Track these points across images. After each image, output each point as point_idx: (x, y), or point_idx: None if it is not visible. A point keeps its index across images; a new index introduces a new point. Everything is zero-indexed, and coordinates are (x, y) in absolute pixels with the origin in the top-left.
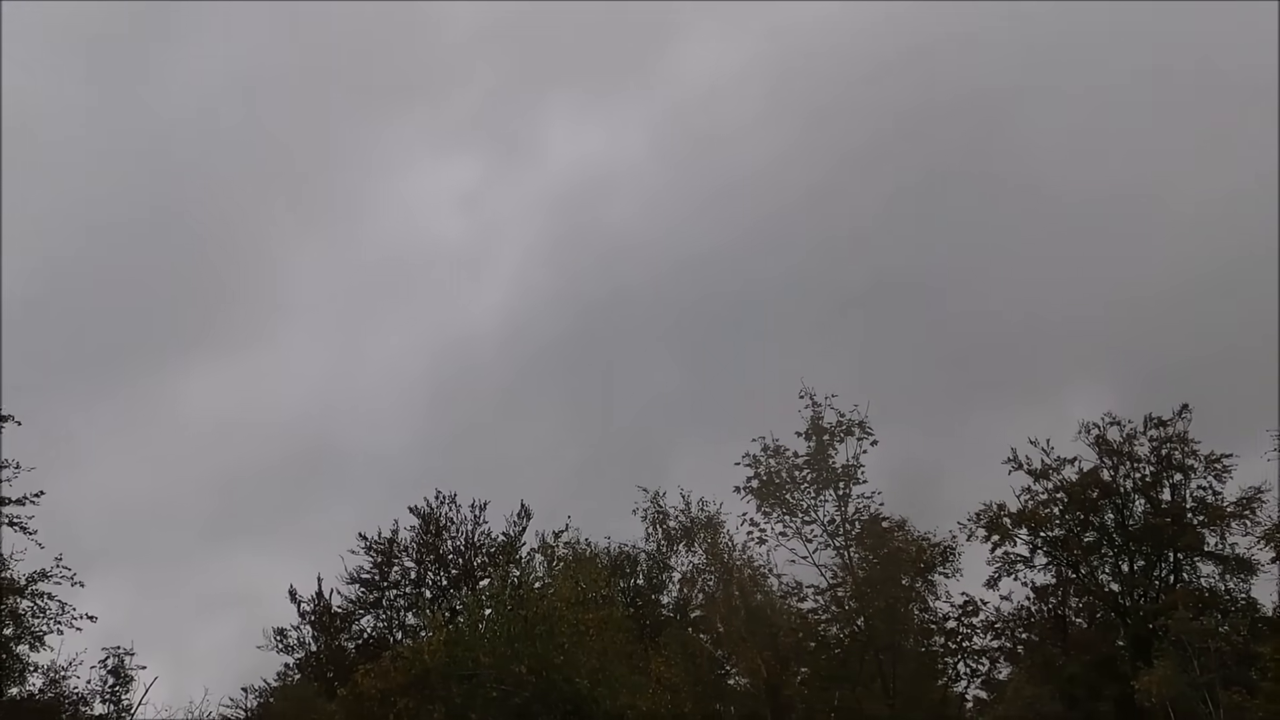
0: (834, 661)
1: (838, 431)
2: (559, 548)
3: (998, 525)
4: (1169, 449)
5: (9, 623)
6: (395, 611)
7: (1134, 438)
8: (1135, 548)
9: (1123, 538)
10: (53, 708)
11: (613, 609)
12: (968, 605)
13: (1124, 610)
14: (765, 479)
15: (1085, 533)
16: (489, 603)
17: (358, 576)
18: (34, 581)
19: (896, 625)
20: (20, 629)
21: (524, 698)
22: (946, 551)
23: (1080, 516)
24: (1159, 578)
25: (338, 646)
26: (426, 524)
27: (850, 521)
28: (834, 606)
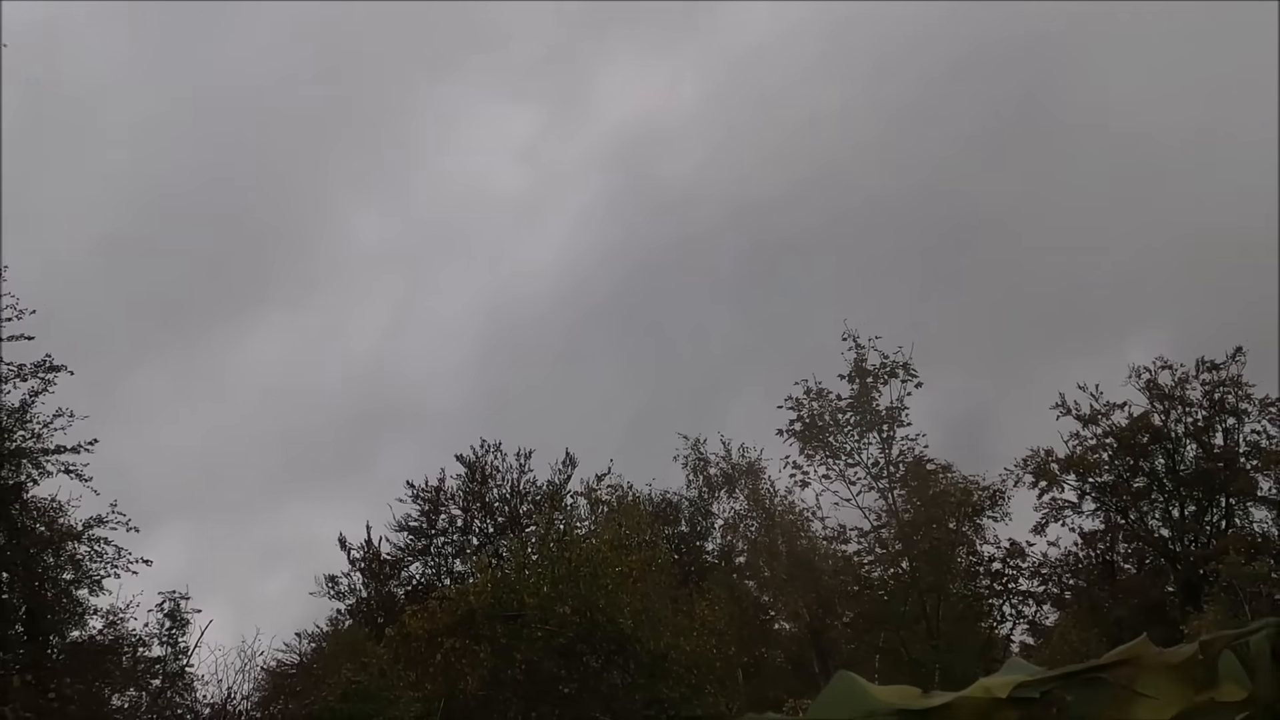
0: (878, 604)
1: (881, 374)
2: (601, 491)
3: (1045, 471)
4: (1222, 393)
5: (68, 567)
6: (443, 558)
7: (1186, 382)
8: (1186, 493)
9: (1173, 483)
10: (112, 649)
11: (656, 552)
12: (1013, 547)
13: (1174, 555)
14: (808, 422)
15: (1135, 478)
16: (534, 548)
17: (406, 524)
18: (90, 527)
19: (941, 567)
20: (79, 573)
21: (568, 638)
22: (995, 495)
23: (1130, 462)
24: (1210, 523)
25: (387, 592)
26: (472, 472)
27: (894, 464)
28: (878, 549)
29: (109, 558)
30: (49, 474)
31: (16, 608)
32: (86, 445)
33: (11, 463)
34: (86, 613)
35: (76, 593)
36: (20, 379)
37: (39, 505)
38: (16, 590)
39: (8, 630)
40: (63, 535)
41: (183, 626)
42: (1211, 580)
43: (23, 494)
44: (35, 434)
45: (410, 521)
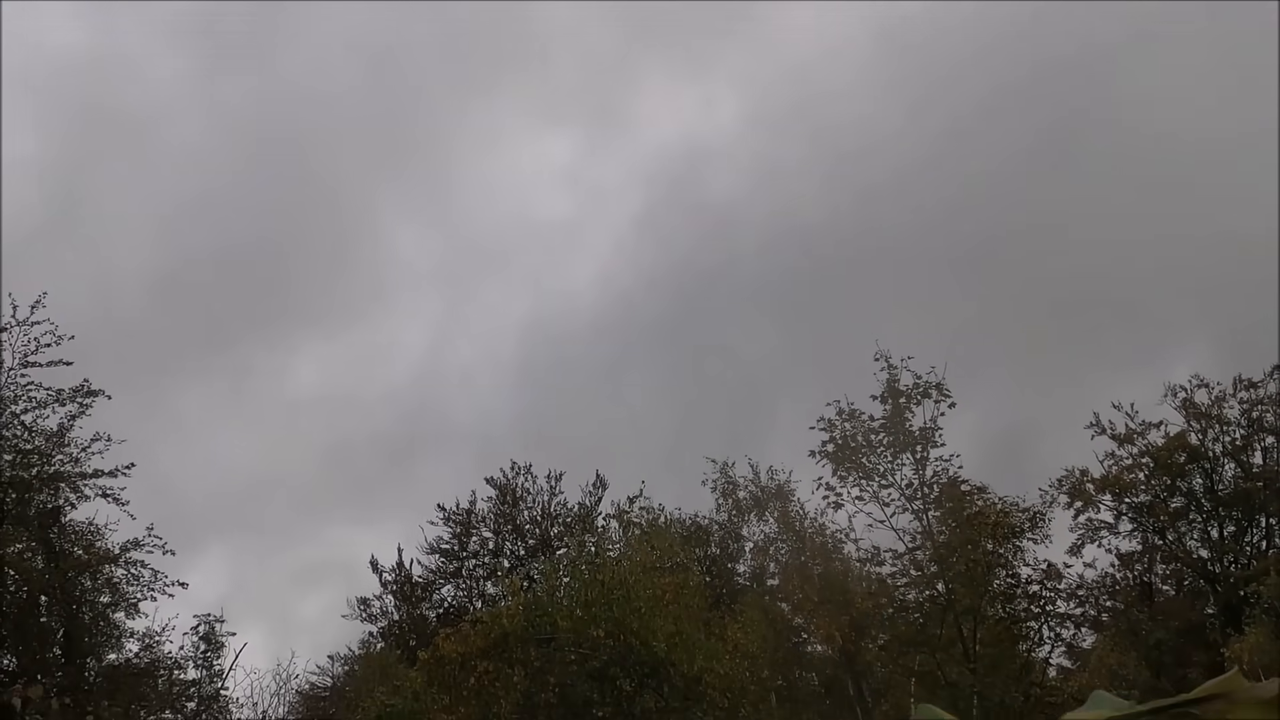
0: (913, 627)
1: (914, 394)
2: (633, 513)
3: (1080, 491)
4: (1260, 411)
5: (105, 591)
6: (474, 581)
7: (1223, 400)
8: (1225, 513)
9: (1212, 503)
10: (148, 672)
11: (688, 574)
12: (1050, 569)
13: (1213, 577)
14: (841, 443)
15: (1172, 498)
16: (566, 570)
17: (437, 547)
18: (127, 550)
19: (977, 589)
20: (116, 596)
21: (602, 661)
22: (1036, 517)
23: (1167, 482)
24: (1250, 544)
25: (419, 615)
26: (503, 495)
27: (928, 485)
28: (913, 571)
29: (145, 581)
30: (87, 498)
31: (54, 631)
32: (124, 469)
33: (50, 487)
34: (123, 636)
35: (113, 616)
36: (59, 403)
37: (77, 529)
38: (54, 614)
39: (46, 653)
40: (100, 559)
41: (218, 649)
42: (1253, 602)
43: (61, 518)
44: (74, 458)
45: (442, 544)
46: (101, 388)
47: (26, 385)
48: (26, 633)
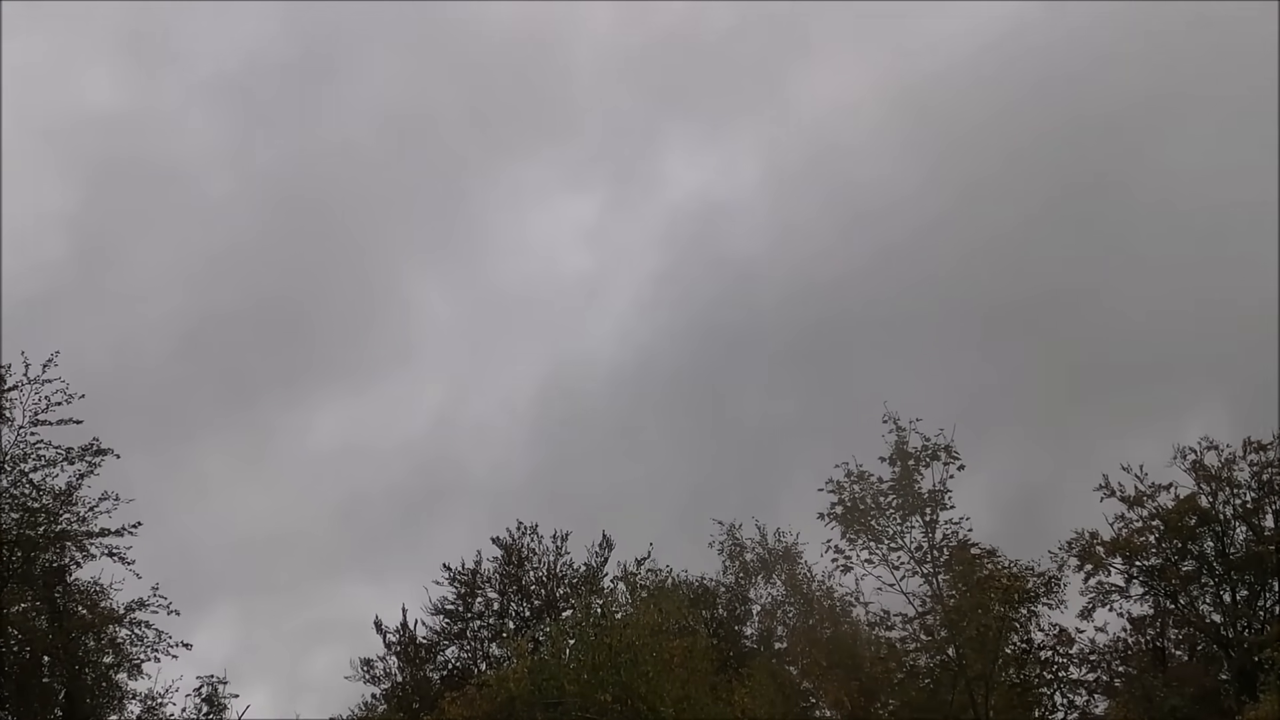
0: (923, 692)
1: (923, 456)
2: (641, 575)
3: (1090, 554)
4: (1270, 473)
5: (109, 651)
6: (479, 642)
7: (1233, 462)
8: (1237, 577)
9: (1224, 567)
10: None
11: (696, 638)
12: (1061, 634)
13: (1227, 642)
14: (849, 505)
15: (1183, 561)
16: (572, 632)
17: (442, 607)
18: (132, 610)
19: (989, 654)
20: (119, 657)
21: None
22: (1051, 582)
23: (1178, 545)
24: (1264, 608)
25: (423, 677)
26: (509, 555)
27: (938, 548)
28: (923, 635)
29: (149, 641)
30: (93, 557)
31: (56, 692)
32: (130, 528)
33: (56, 545)
34: (125, 697)
35: (116, 677)
36: (68, 462)
37: (82, 588)
38: (57, 674)
39: (48, 714)
40: (104, 618)
41: (220, 711)
42: (1267, 668)
43: (66, 577)
44: (81, 517)
45: (446, 604)
46: (111, 446)
47: (36, 443)
48: (28, 693)
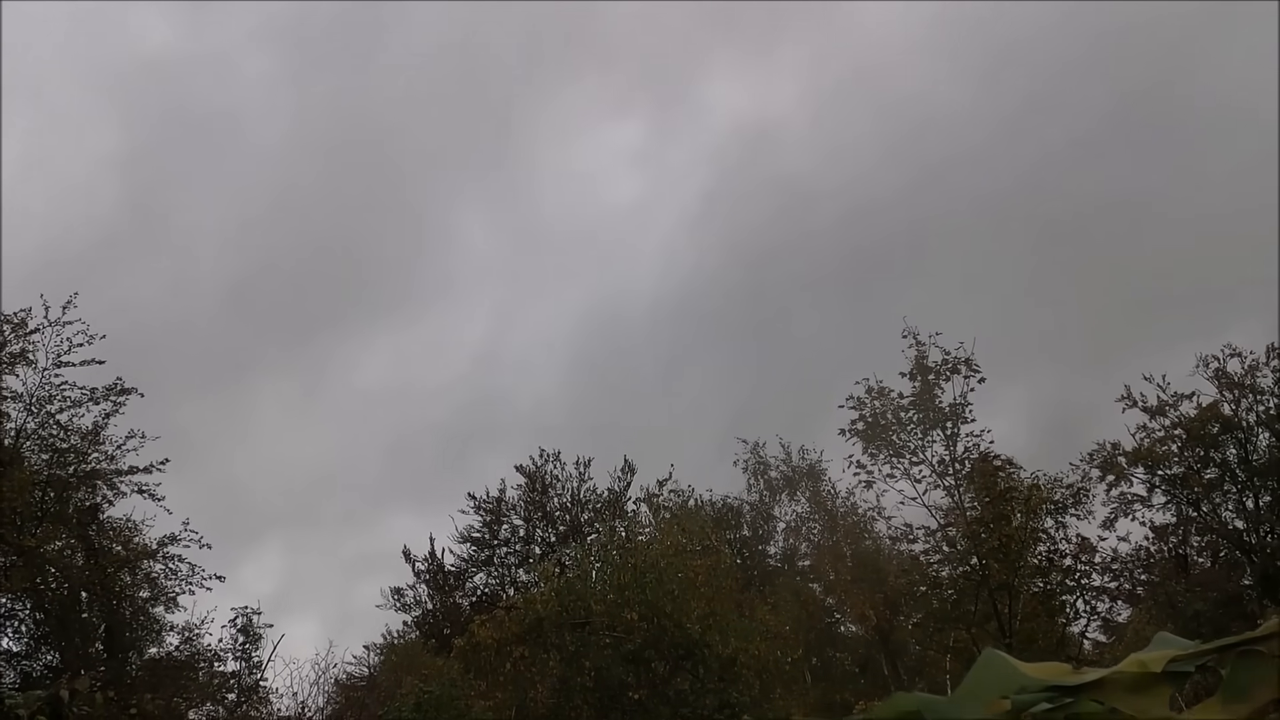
0: (946, 603)
1: (943, 370)
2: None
3: (1112, 465)
4: None
5: (144, 586)
6: (506, 568)
7: (1256, 369)
8: (1260, 483)
9: (1246, 473)
10: (189, 664)
11: (720, 556)
12: (1083, 544)
13: (1249, 548)
14: (871, 420)
15: (1206, 469)
16: (597, 556)
17: (468, 535)
18: (164, 545)
19: (1011, 564)
20: (155, 591)
21: (636, 644)
22: (1079, 493)
23: (1200, 453)
24: None
25: (452, 604)
26: (533, 482)
27: (960, 461)
28: (945, 547)
29: (183, 575)
30: (124, 494)
31: (96, 626)
32: (158, 465)
33: (87, 484)
34: (163, 630)
35: (153, 610)
36: (93, 402)
37: (115, 525)
38: (95, 609)
39: (89, 648)
40: (138, 554)
41: (256, 641)
42: None
43: (99, 515)
44: (109, 456)
45: (473, 532)
46: (135, 385)
47: (60, 384)
48: (69, 628)
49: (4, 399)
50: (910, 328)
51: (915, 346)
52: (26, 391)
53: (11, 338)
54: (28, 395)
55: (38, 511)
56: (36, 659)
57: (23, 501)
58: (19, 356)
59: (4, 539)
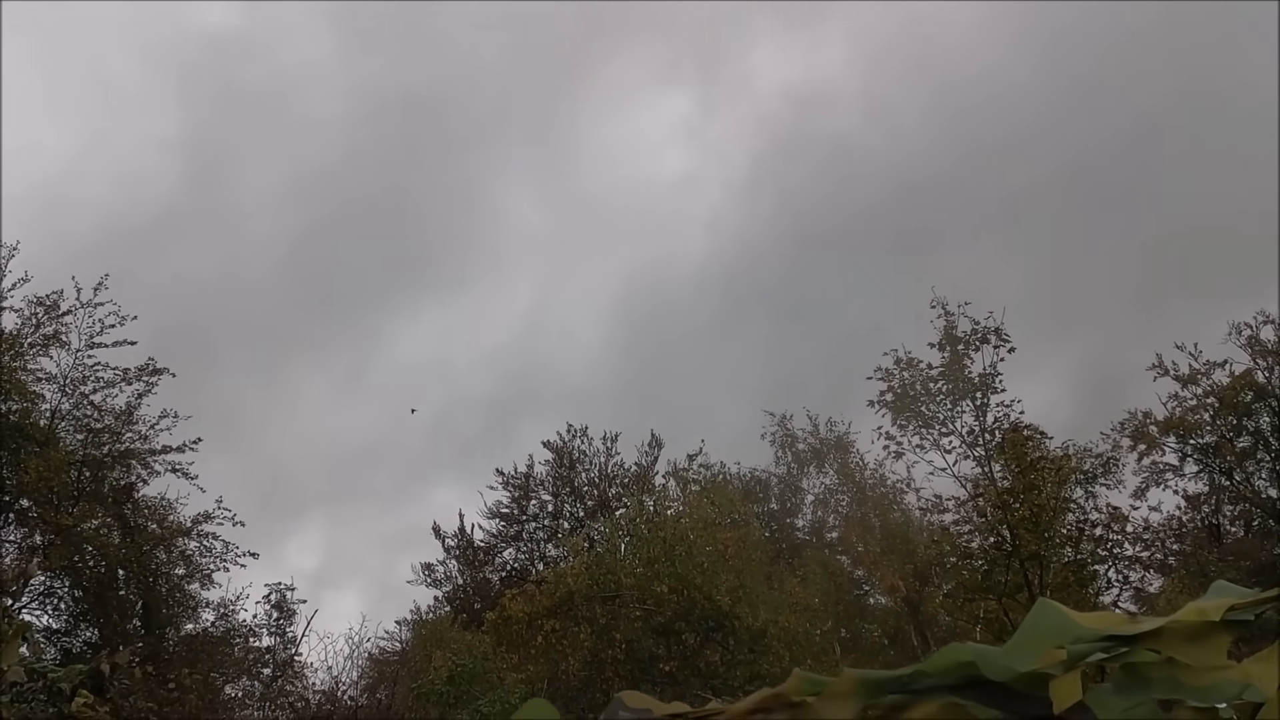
0: (977, 573)
1: (972, 340)
2: (692, 470)
3: (1143, 434)
4: None
5: (179, 563)
6: (535, 544)
7: None
8: None
9: (1279, 441)
10: (224, 640)
11: (749, 529)
12: (1115, 513)
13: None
14: (899, 391)
15: (1239, 438)
16: (626, 530)
17: (497, 511)
18: (198, 523)
19: (1041, 534)
20: (190, 568)
21: (666, 616)
22: (1109, 462)
23: (1233, 421)
24: None
25: (482, 579)
26: (560, 458)
27: (989, 431)
28: (976, 517)
29: (217, 552)
30: (157, 473)
31: (133, 603)
32: (191, 444)
33: (122, 464)
34: (199, 606)
35: (189, 587)
36: (126, 382)
37: (149, 504)
38: (132, 586)
39: (126, 625)
40: (173, 532)
41: (289, 617)
42: None
43: (134, 494)
44: (142, 435)
45: (502, 508)
46: (166, 365)
47: (94, 365)
48: (107, 605)
49: (39, 380)
50: (939, 298)
51: (944, 317)
52: (60, 373)
53: (45, 320)
54: (61, 376)
55: (74, 491)
56: (76, 635)
57: (59, 481)
58: (52, 338)
59: (42, 518)
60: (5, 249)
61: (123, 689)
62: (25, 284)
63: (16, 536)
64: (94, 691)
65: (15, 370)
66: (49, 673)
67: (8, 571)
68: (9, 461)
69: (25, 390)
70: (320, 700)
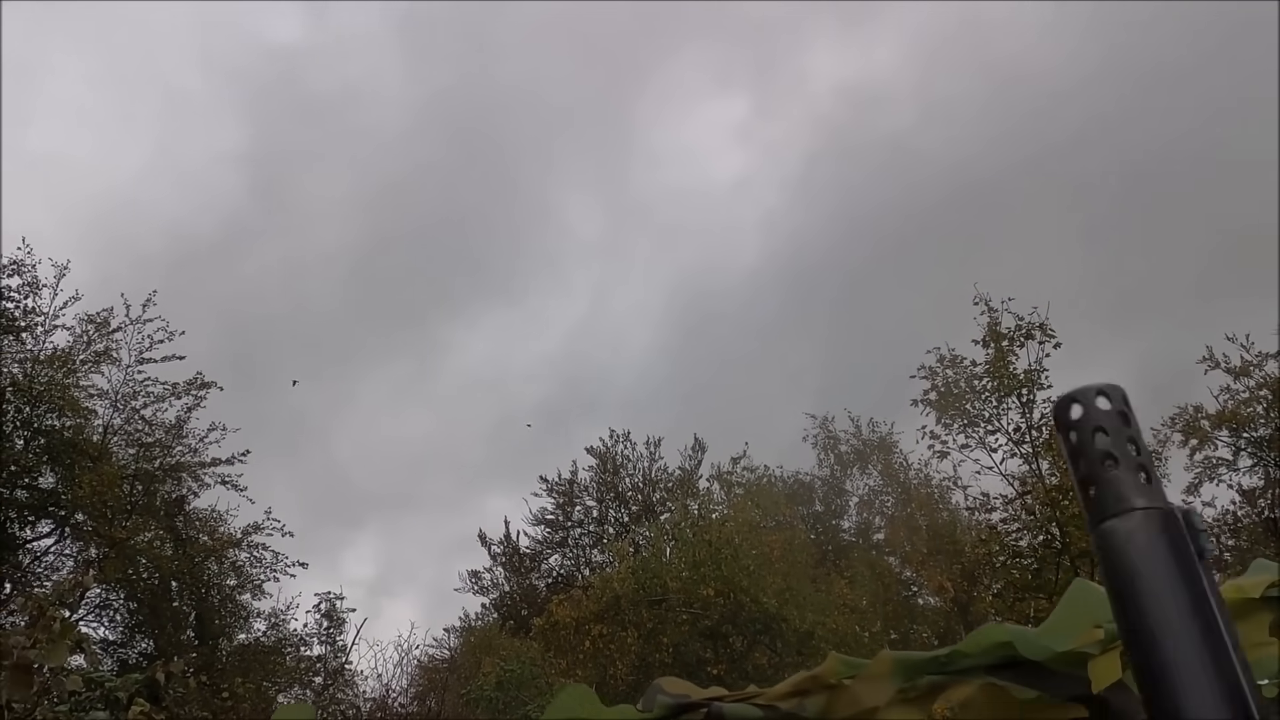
0: (1026, 572)
1: (1016, 336)
2: (736, 473)
3: (1195, 428)
4: None
5: (230, 574)
6: (581, 549)
7: None
8: None
9: None
10: (276, 649)
11: (794, 532)
12: None
13: None
14: (943, 390)
15: None
16: (671, 534)
17: (542, 518)
18: (248, 534)
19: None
20: (241, 579)
21: (713, 619)
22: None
23: None
24: None
25: (529, 585)
26: (604, 463)
27: (1036, 427)
28: (1024, 515)
29: (267, 562)
30: (208, 486)
31: (186, 614)
32: (240, 456)
33: (173, 477)
34: (250, 616)
35: (240, 597)
36: (175, 397)
37: (200, 516)
38: (185, 597)
39: (180, 635)
40: (223, 543)
41: (339, 625)
42: None
43: (185, 506)
44: (192, 449)
45: (546, 515)
46: (225, 376)
47: (144, 380)
48: (160, 616)
49: (90, 396)
50: (982, 294)
51: (987, 313)
52: (111, 389)
53: (95, 337)
54: (113, 392)
55: (127, 504)
56: (131, 647)
57: (113, 495)
58: (103, 355)
59: (97, 532)
60: (55, 268)
61: (178, 697)
62: (76, 302)
63: (72, 550)
64: (150, 700)
65: (68, 387)
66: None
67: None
68: (64, 477)
69: (78, 406)
70: (371, 707)
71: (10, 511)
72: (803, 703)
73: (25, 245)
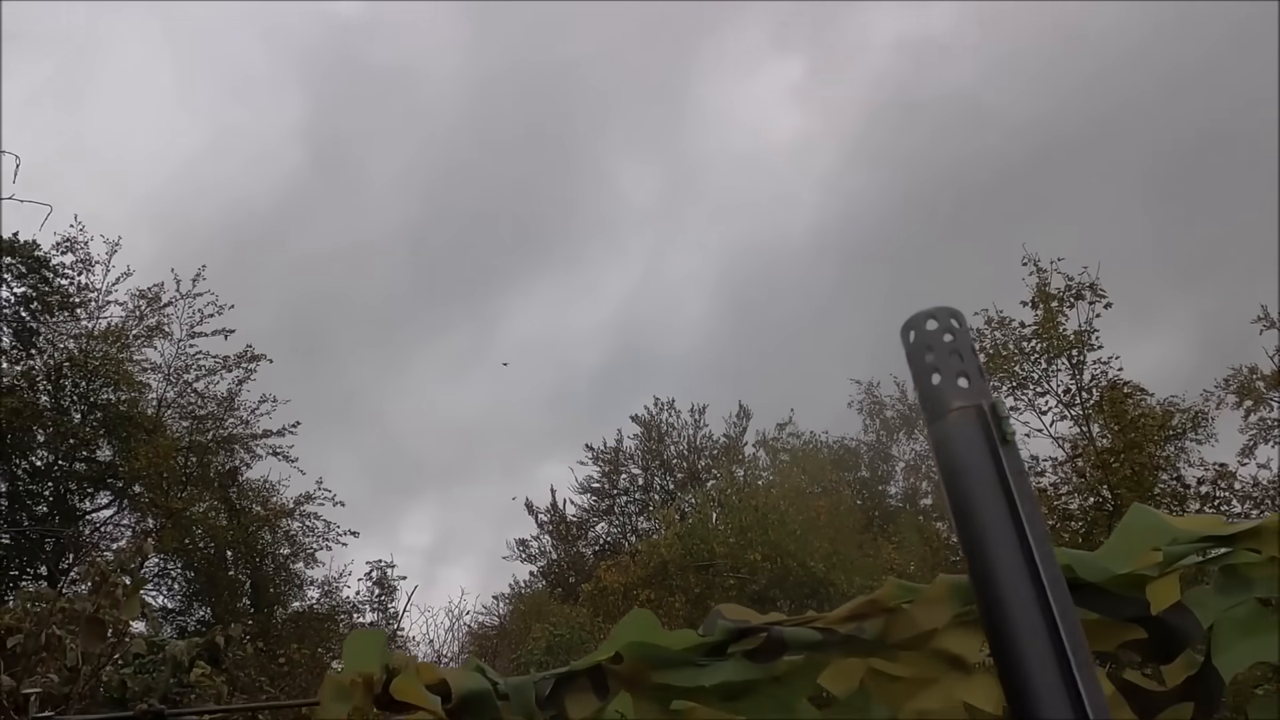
0: (1076, 535)
1: (1066, 296)
2: (782, 439)
3: (1250, 389)
4: None
5: (284, 543)
6: (627, 517)
7: None
8: None
9: None
10: (330, 616)
11: (840, 497)
12: (1222, 471)
13: None
14: (991, 352)
15: None
16: (717, 500)
17: (588, 486)
18: (300, 504)
19: (1144, 493)
20: (295, 548)
21: (761, 584)
22: (1197, 416)
23: None
24: None
25: (576, 553)
26: (649, 431)
27: (1086, 389)
28: (1075, 478)
29: (319, 532)
30: (260, 457)
31: (242, 582)
32: (290, 428)
33: (225, 449)
34: (304, 584)
35: (294, 566)
36: (226, 370)
37: (253, 487)
38: (241, 566)
39: (236, 603)
40: (277, 513)
41: (391, 593)
42: None
43: (238, 477)
44: (244, 420)
45: (592, 483)
46: (264, 352)
47: (195, 354)
48: (217, 584)
49: (144, 371)
50: (1031, 255)
51: (1036, 274)
52: (165, 363)
53: (148, 312)
54: (166, 366)
55: (182, 476)
56: (190, 614)
57: (168, 467)
58: (156, 329)
59: (153, 503)
60: (108, 244)
61: (236, 660)
62: (127, 278)
63: (130, 520)
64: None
65: (122, 361)
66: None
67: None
68: (120, 449)
69: (132, 380)
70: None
71: (70, 484)
72: (861, 626)
73: (78, 223)
